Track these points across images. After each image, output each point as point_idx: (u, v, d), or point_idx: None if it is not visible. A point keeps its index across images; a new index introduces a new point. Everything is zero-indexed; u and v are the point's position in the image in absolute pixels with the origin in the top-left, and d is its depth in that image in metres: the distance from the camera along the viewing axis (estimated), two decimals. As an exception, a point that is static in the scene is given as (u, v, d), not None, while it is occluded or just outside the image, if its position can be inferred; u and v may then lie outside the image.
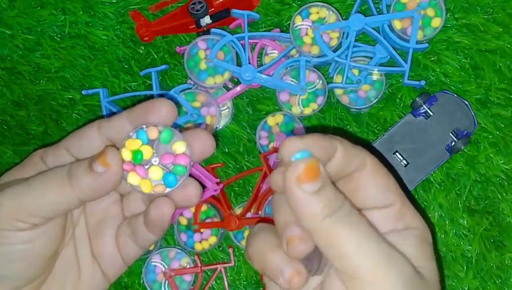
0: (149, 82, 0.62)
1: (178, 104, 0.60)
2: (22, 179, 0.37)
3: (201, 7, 0.59)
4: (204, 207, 0.60)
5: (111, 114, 0.62)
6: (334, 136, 0.33)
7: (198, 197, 0.37)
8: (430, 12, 0.57)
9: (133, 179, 0.35)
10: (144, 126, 0.35)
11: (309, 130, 0.60)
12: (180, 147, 0.36)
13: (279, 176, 0.33)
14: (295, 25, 0.59)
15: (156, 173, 0.35)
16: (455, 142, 0.57)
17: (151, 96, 0.62)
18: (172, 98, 0.59)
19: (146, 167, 0.35)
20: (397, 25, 0.58)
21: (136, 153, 0.35)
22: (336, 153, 0.33)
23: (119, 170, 0.35)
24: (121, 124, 0.36)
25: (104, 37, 0.63)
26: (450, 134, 0.57)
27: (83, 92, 0.63)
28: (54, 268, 0.39)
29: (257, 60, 0.61)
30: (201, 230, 0.59)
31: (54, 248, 0.37)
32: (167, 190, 0.36)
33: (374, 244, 0.31)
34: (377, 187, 0.34)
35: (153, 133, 0.35)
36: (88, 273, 0.39)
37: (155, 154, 0.36)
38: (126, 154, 0.35)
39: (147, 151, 0.35)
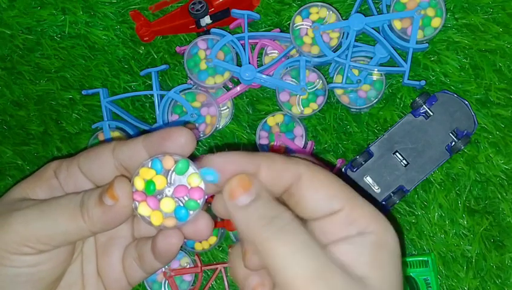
0: (149, 82, 0.62)
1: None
2: (33, 201, 0.36)
3: (201, 7, 0.59)
4: (204, 207, 0.60)
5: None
6: (260, 154, 0.33)
7: (209, 231, 0.36)
8: (430, 12, 0.57)
9: (144, 210, 0.34)
10: (160, 155, 0.34)
11: (309, 130, 0.61)
12: (194, 180, 0.34)
13: (218, 201, 0.33)
14: (295, 25, 0.59)
15: (168, 205, 0.34)
16: (455, 142, 0.57)
17: (151, 96, 0.62)
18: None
19: (159, 197, 0.34)
20: (397, 25, 0.57)
21: (149, 184, 0.34)
22: (260, 170, 0.32)
23: (129, 202, 0.34)
24: (136, 150, 0.35)
25: (104, 37, 0.63)
26: (450, 134, 0.57)
27: (83, 92, 0.63)
28: (59, 286, 0.38)
29: (257, 60, 0.61)
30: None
31: (60, 272, 0.37)
32: (179, 223, 0.35)
33: (309, 257, 0.30)
34: (318, 196, 0.32)
35: (168, 163, 0.34)
36: None
37: (168, 184, 0.34)
38: (139, 184, 0.34)
39: (160, 182, 0.34)
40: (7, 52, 0.65)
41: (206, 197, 0.35)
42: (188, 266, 0.60)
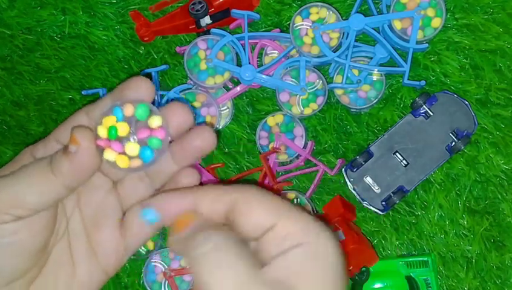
0: (149, 82, 0.62)
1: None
2: (7, 173, 0.36)
3: (201, 7, 0.59)
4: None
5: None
6: (194, 189, 0.35)
7: (211, 143, 0.37)
8: (430, 12, 0.57)
9: (109, 155, 0.35)
10: (119, 102, 0.35)
11: (309, 130, 0.61)
12: (155, 121, 0.35)
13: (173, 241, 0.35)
14: (295, 25, 0.59)
15: (132, 147, 0.35)
16: (455, 142, 0.57)
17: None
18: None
19: (124, 143, 0.35)
20: (397, 25, 0.57)
21: (111, 129, 0.35)
22: (198, 205, 0.34)
23: (91, 145, 0.35)
24: (106, 106, 0.36)
25: (104, 37, 0.63)
26: (450, 134, 0.57)
27: (83, 92, 0.63)
28: (46, 264, 0.38)
29: (257, 60, 0.61)
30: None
31: (42, 240, 0.37)
32: (145, 164, 0.35)
33: (230, 274, 0.31)
34: (252, 217, 0.34)
35: (128, 110, 0.35)
36: (83, 269, 0.38)
37: (133, 131, 0.35)
38: (102, 132, 0.35)
39: (123, 128, 0.35)
40: (7, 52, 0.65)
41: (169, 137, 0.36)
42: (188, 266, 0.60)
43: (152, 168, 0.37)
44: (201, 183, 0.37)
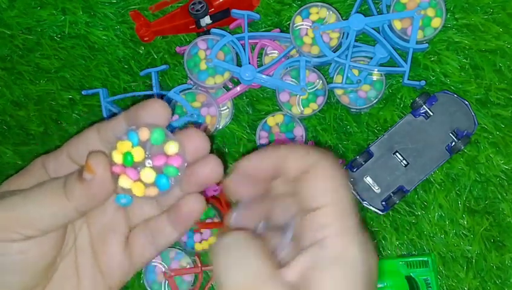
0: (149, 82, 0.62)
1: (172, 106, 0.60)
2: (19, 191, 0.36)
3: (201, 7, 0.59)
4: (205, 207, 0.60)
5: (111, 115, 0.63)
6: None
7: (218, 173, 0.36)
8: (430, 12, 0.57)
9: (124, 182, 0.34)
10: (134, 127, 0.34)
11: (309, 130, 0.61)
12: (171, 147, 0.34)
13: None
14: (295, 25, 0.59)
15: (148, 174, 0.34)
16: (455, 142, 0.57)
17: (151, 96, 0.62)
18: (169, 99, 0.59)
19: (139, 169, 0.34)
20: (397, 25, 0.57)
21: (126, 155, 0.34)
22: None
23: (106, 174, 0.34)
24: (119, 127, 0.35)
25: (104, 37, 0.63)
26: (450, 134, 0.57)
27: (83, 92, 0.63)
28: (52, 279, 0.38)
29: (257, 60, 0.61)
30: (201, 230, 0.59)
31: (50, 259, 0.37)
32: (161, 192, 0.34)
33: (244, 271, 0.31)
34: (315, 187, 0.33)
35: (144, 134, 0.34)
36: (87, 284, 0.39)
37: (148, 155, 0.34)
38: (117, 157, 0.34)
39: (138, 153, 0.34)
40: (7, 52, 0.65)
41: (186, 163, 0.35)
42: (188, 266, 0.60)
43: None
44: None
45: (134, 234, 0.39)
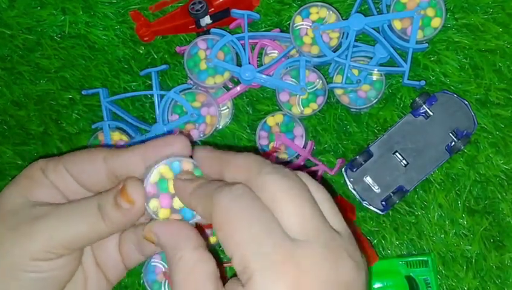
0: (149, 82, 0.62)
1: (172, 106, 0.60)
2: (47, 207, 0.37)
3: (201, 7, 0.59)
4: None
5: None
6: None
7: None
8: (430, 12, 0.57)
9: (154, 205, 0.36)
10: (177, 158, 0.36)
11: (309, 130, 0.61)
12: None
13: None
14: (295, 25, 0.59)
15: (179, 203, 0.36)
16: (455, 142, 0.57)
17: (151, 96, 0.62)
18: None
19: (170, 196, 0.36)
20: (397, 25, 0.58)
21: (163, 182, 0.35)
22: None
23: (143, 203, 0.35)
24: (132, 159, 0.37)
25: (104, 37, 0.63)
26: (450, 134, 0.57)
27: (83, 92, 0.63)
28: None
29: (257, 60, 0.61)
30: (201, 230, 0.59)
31: (74, 270, 0.39)
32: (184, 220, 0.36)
33: (250, 223, 0.31)
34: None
35: (187, 166, 0.36)
36: (93, 281, 0.41)
37: None
38: (154, 178, 0.36)
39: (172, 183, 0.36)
40: (7, 52, 0.65)
41: None
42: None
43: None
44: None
45: (123, 237, 0.41)
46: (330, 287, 0.29)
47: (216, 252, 0.59)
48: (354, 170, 0.58)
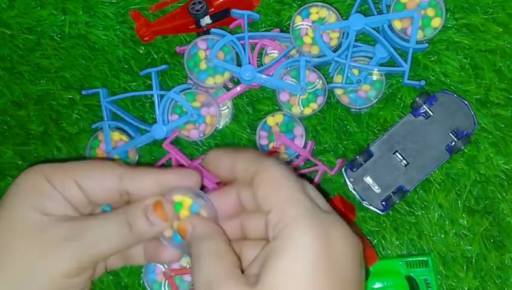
0: (149, 82, 0.62)
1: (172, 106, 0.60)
2: (70, 223, 0.38)
3: (201, 7, 0.59)
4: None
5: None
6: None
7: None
8: (430, 12, 0.57)
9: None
10: (197, 192, 0.39)
11: (309, 130, 0.61)
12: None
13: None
14: (295, 25, 0.59)
15: (182, 227, 0.39)
16: (455, 142, 0.57)
17: (151, 96, 0.62)
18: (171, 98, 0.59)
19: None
20: (397, 25, 0.58)
21: (178, 207, 0.39)
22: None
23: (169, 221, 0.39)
24: (148, 183, 0.39)
25: (104, 37, 0.63)
26: (450, 134, 0.57)
27: (83, 92, 0.63)
28: None
29: (257, 60, 0.61)
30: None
31: (93, 275, 0.40)
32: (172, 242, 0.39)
33: (212, 265, 0.35)
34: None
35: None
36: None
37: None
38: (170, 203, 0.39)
39: (185, 212, 0.39)
40: (7, 52, 0.65)
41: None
42: (188, 266, 0.60)
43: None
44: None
45: None
46: (350, 244, 0.34)
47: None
48: (355, 170, 0.58)
